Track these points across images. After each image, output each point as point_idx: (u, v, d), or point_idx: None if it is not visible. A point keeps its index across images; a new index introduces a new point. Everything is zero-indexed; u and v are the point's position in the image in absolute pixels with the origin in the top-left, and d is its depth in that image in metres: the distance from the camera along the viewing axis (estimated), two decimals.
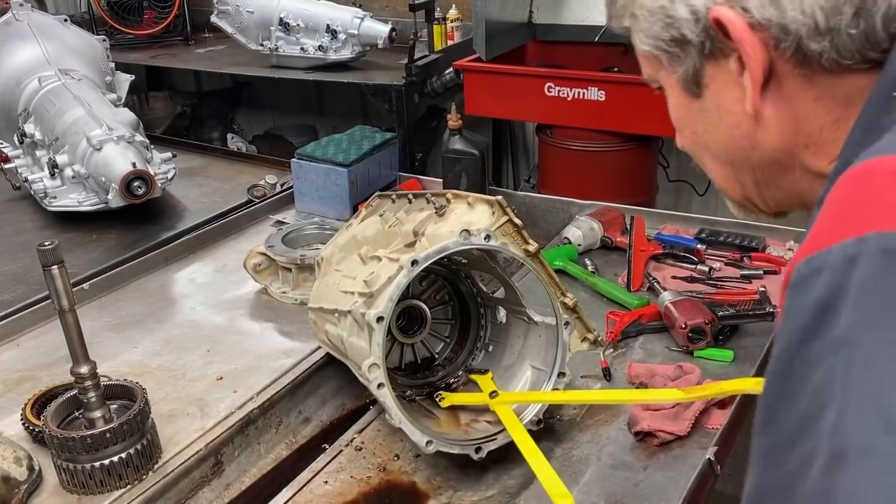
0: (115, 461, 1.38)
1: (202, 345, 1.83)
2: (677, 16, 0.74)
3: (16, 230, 2.47)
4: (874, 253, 0.52)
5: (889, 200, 0.54)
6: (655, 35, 0.77)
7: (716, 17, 0.71)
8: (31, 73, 2.61)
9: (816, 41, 0.68)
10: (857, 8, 0.66)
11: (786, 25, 0.68)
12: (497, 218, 1.35)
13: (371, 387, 1.30)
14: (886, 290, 0.51)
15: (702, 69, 0.77)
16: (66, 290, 1.33)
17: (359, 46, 3.84)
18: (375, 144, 2.50)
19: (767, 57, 0.71)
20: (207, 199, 2.67)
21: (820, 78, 0.71)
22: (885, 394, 0.49)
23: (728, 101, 0.76)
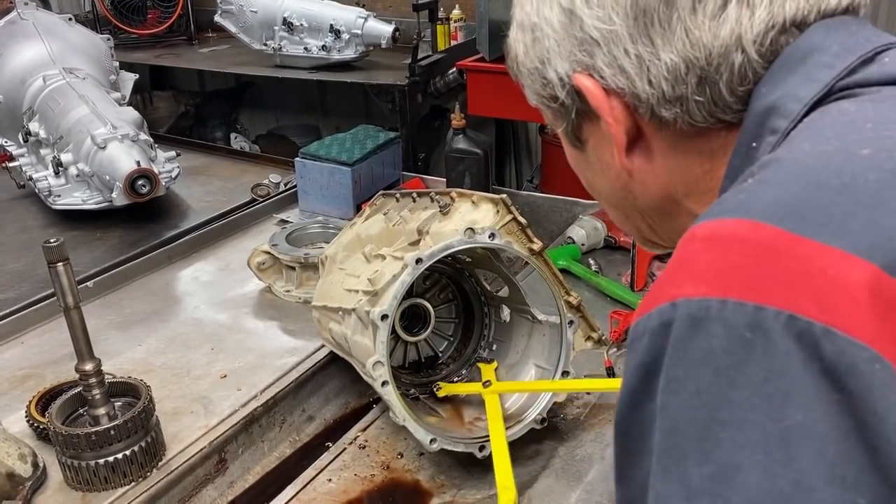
0: (119, 458, 1.39)
1: (206, 343, 1.83)
2: (549, 78, 0.77)
3: (20, 228, 2.48)
4: (682, 319, 0.53)
5: (698, 266, 0.55)
6: (537, 92, 0.80)
7: (576, 84, 0.74)
8: (36, 71, 2.62)
9: (667, 109, 0.70)
10: (700, 77, 0.68)
11: (637, 94, 0.71)
12: (501, 216, 1.35)
13: (375, 385, 1.31)
14: (691, 357, 0.52)
15: (579, 126, 0.79)
16: (71, 287, 1.34)
17: (362, 46, 3.84)
18: (379, 144, 2.50)
19: (631, 118, 0.73)
20: (211, 198, 2.68)
21: (682, 138, 0.73)
22: (685, 461, 0.51)
23: (605, 156, 0.79)
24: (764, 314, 0.50)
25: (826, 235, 0.51)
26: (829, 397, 0.48)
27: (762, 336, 0.50)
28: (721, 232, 0.55)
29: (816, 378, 0.48)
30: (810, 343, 0.49)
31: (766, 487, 0.48)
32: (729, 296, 0.51)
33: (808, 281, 0.50)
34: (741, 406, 0.50)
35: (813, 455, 0.48)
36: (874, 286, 0.49)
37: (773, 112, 0.65)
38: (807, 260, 0.51)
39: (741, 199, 0.57)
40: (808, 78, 0.65)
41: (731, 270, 0.53)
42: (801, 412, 0.48)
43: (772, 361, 0.49)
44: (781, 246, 0.52)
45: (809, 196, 0.54)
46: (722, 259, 0.54)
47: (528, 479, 1.42)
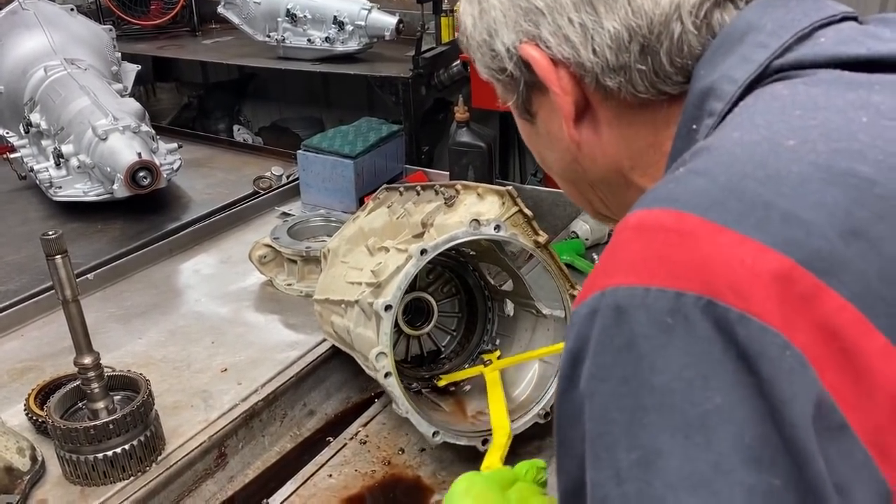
0: (118, 452, 1.37)
1: (207, 336, 1.82)
2: (497, 50, 0.77)
3: (21, 220, 2.47)
4: (608, 307, 0.54)
5: (626, 255, 0.56)
6: (487, 65, 0.80)
7: (522, 55, 0.74)
8: (37, 62, 2.60)
9: (611, 78, 0.71)
10: (642, 45, 0.69)
11: (582, 63, 0.71)
12: (507, 208, 1.34)
13: (378, 376, 1.29)
14: (616, 344, 0.53)
15: (529, 98, 0.80)
16: (69, 279, 1.32)
17: (366, 38, 3.82)
18: (382, 136, 2.48)
19: (578, 89, 0.74)
20: (213, 191, 2.66)
21: (627, 108, 0.74)
22: (615, 447, 0.53)
23: (555, 128, 0.79)
24: (684, 300, 0.51)
25: (746, 227, 0.52)
26: (745, 380, 0.49)
27: (682, 321, 0.51)
28: (648, 221, 0.57)
29: (734, 362, 0.49)
30: (726, 328, 0.50)
31: (687, 471, 0.49)
32: (652, 283, 0.53)
33: (726, 270, 0.51)
34: (662, 391, 0.51)
35: (731, 438, 0.49)
36: (788, 278, 0.50)
37: (710, 94, 0.66)
38: (726, 249, 0.52)
39: (670, 188, 0.58)
40: (743, 58, 0.66)
41: (655, 259, 0.54)
42: (720, 395, 0.49)
43: (691, 346, 0.51)
44: (703, 235, 0.53)
45: (733, 187, 0.55)
46: (647, 248, 0.55)
47: None
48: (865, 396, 0.50)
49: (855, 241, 0.51)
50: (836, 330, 0.50)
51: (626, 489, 0.51)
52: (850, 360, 0.50)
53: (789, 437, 0.48)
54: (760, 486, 0.48)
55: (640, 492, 0.51)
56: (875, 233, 0.51)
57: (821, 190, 0.53)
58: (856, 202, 0.52)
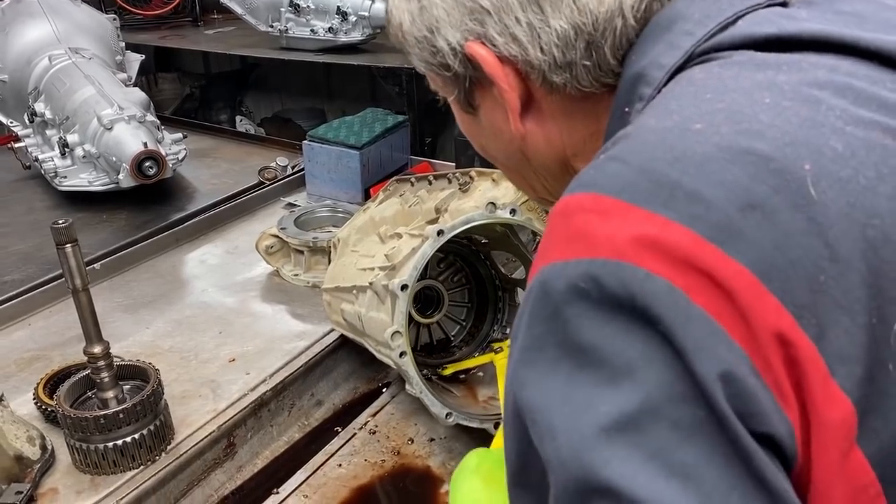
0: (128, 442, 1.37)
1: (214, 326, 1.82)
2: (439, 47, 0.78)
3: (26, 209, 2.46)
4: (536, 284, 0.59)
5: (552, 238, 0.61)
6: (426, 60, 0.81)
7: (469, 53, 0.75)
8: (42, 51, 2.59)
9: (558, 74, 0.73)
10: (588, 42, 0.71)
11: (529, 61, 0.73)
12: (522, 193, 1.34)
13: (393, 355, 1.29)
14: (544, 315, 0.58)
15: (472, 93, 0.81)
16: (79, 269, 1.32)
17: (369, 28, 3.80)
18: (387, 127, 2.48)
19: (523, 84, 0.76)
20: (218, 181, 2.65)
21: (570, 101, 0.76)
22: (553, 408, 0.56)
23: (498, 121, 0.81)
24: (595, 264, 0.55)
25: (654, 205, 0.56)
26: (653, 330, 0.53)
27: (593, 283, 0.55)
28: (571, 205, 0.60)
29: (642, 319, 0.53)
30: (634, 285, 0.54)
31: (615, 413, 0.53)
32: (571, 257, 0.57)
33: (634, 239, 0.55)
34: (589, 348, 0.55)
35: (654, 379, 0.53)
36: (690, 246, 0.54)
37: (640, 79, 0.69)
38: (636, 223, 0.56)
39: (590, 174, 0.61)
40: (670, 45, 0.68)
41: (575, 236, 0.58)
42: (632, 348, 0.54)
43: (604, 305, 0.55)
44: (616, 212, 0.57)
45: (644, 170, 0.58)
46: (568, 228, 0.59)
47: None
48: (753, 340, 0.53)
49: (752, 214, 0.55)
50: (732, 291, 0.53)
51: (559, 442, 0.55)
52: (744, 317, 0.53)
53: (695, 376, 0.52)
54: (684, 418, 0.52)
55: (573, 440, 0.54)
56: (770, 205, 0.55)
57: (722, 169, 0.56)
58: (754, 178, 0.56)
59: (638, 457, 0.52)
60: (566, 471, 0.55)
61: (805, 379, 0.54)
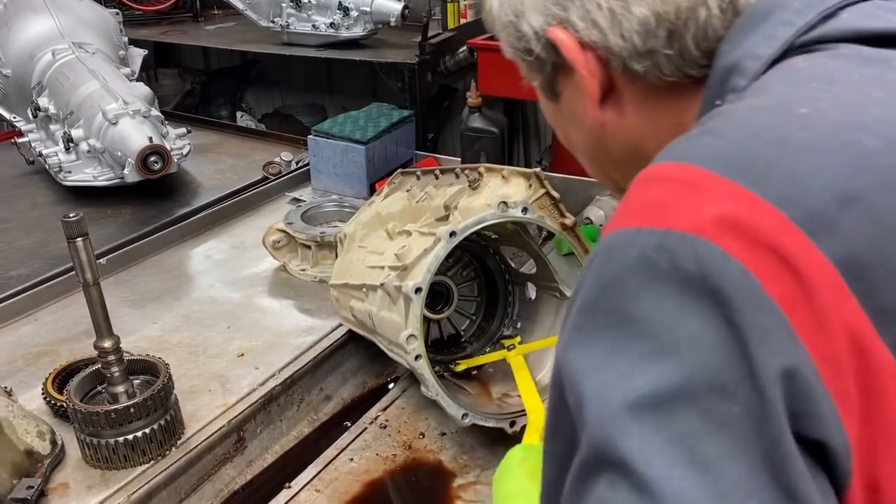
0: (138, 436, 1.37)
1: (222, 321, 1.81)
2: (523, 32, 0.78)
3: (30, 205, 2.45)
4: (602, 248, 0.58)
5: (628, 204, 0.59)
6: (512, 45, 0.81)
7: (550, 38, 0.75)
8: (45, 46, 2.58)
9: (639, 62, 0.72)
10: (669, 30, 0.70)
11: (610, 48, 0.72)
12: (534, 190, 1.33)
13: (408, 358, 1.29)
14: (604, 279, 0.57)
15: (554, 79, 0.81)
16: (90, 263, 1.31)
17: (371, 24, 3.79)
18: (393, 122, 2.47)
19: (604, 72, 0.75)
20: (222, 176, 2.65)
21: (653, 91, 0.75)
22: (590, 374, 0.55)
23: (579, 108, 0.80)
24: (671, 236, 0.53)
25: (747, 180, 0.54)
26: (717, 312, 0.51)
27: (666, 255, 0.53)
28: (654, 173, 0.59)
29: (710, 295, 0.52)
30: (708, 263, 0.52)
31: (649, 390, 0.52)
32: (645, 225, 0.55)
33: (719, 214, 0.53)
34: (642, 320, 0.54)
35: (699, 362, 0.51)
36: (777, 231, 0.52)
37: (733, 71, 0.67)
38: (723, 197, 0.54)
39: (681, 146, 0.60)
40: (767, 36, 0.67)
41: (654, 204, 0.57)
42: (693, 322, 0.52)
43: (671, 278, 0.53)
44: (704, 184, 0.55)
45: (741, 145, 0.57)
46: (648, 195, 0.58)
47: None
48: (823, 341, 0.51)
49: (850, 206, 0.52)
50: (811, 287, 0.51)
51: (587, 408, 0.54)
52: (818, 316, 0.51)
53: (752, 366, 0.50)
54: (719, 411, 0.50)
55: (600, 408, 0.53)
56: (872, 200, 0.53)
57: (825, 156, 0.54)
58: (858, 170, 0.54)
59: (661, 439, 0.50)
60: (588, 438, 0.54)
61: (878, 390, 0.51)
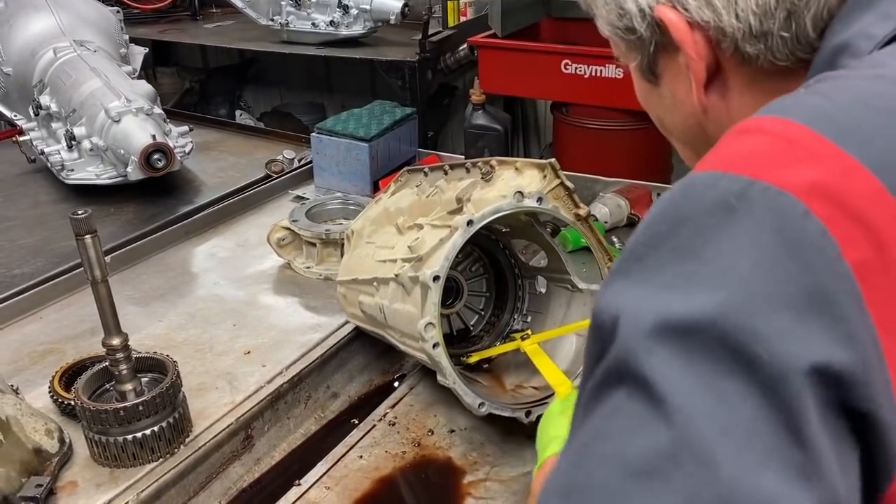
0: (147, 434, 1.36)
1: (227, 319, 1.81)
2: (627, 9, 0.76)
3: (32, 203, 2.44)
4: (681, 185, 0.57)
5: (720, 151, 0.58)
6: (612, 23, 0.79)
7: (658, 16, 0.73)
8: (46, 43, 2.56)
9: (752, 44, 0.70)
10: (789, 11, 0.68)
11: (722, 28, 0.70)
12: (549, 181, 1.33)
13: (425, 347, 1.28)
14: (676, 216, 0.56)
15: (655, 60, 0.79)
16: (99, 260, 1.31)
17: (370, 22, 3.80)
18: (396, 119, 2.46)
19: (712, 54, 0.73)
20: (225, 175, 2.64)
21: (761, 75, 0.73)
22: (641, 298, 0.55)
23: (680, 91, 0.79)
24: (755, 186, 0.53)
25: (848, 143, 0.53)
26: (789, 265, 0.51)
27: (746, 204, 0.52)
28: (753, 125, 0.58)
29: (785, 247, 0.51)
30: (789, 222, 0.51)
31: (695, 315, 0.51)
32: (730, 170, 0.54)
33: (812, 173, 0.52)
34: (709, 260, 0.53)
35: (741, 302, 0.50)
36: (872, 198, 0.51)
37: (844, 50, 0.65)
38: (820, 157, 0.53)
39: (786, 102, 0.59)
40: (883, 15, 0.65)
41: (745, 154, 0.56)
42: (744, 266, 0.51)
43: (748, 227, 0.52)
44: (802, 140, 0.54)
45: (848, 108, 0.56)
46: (741, 145, 0.57)
47: None
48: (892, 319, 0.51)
49: None
50: (893, 257, 0.51)
51: (622, 322, 0.53)
52: (893, 286, 0.51)
53: (832, 301, 0.50)
54: (745, 353, 0.50)
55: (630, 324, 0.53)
56: None
57: None
58: None
59: (680, 364, 0.50)
60: (615, 350, 0.53)
61: None
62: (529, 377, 1.47)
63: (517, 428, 1.42)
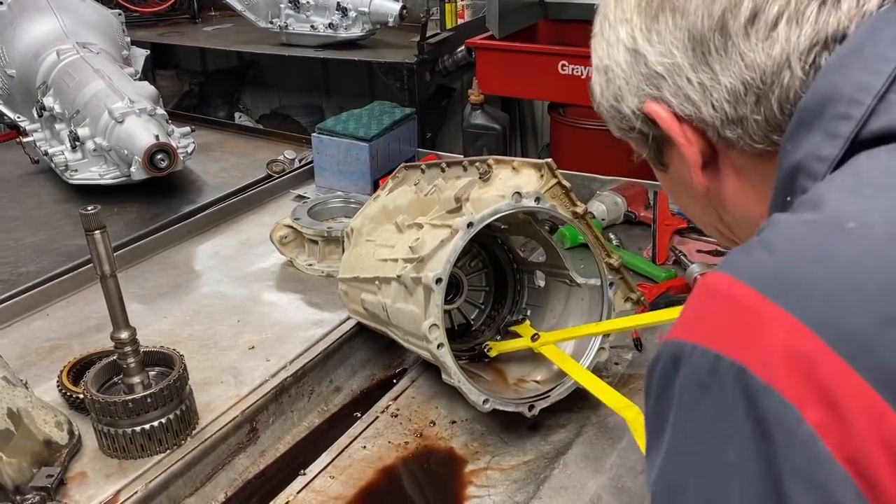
0: (154, 426, 1.39)
1: (231, 315, 1.84)
2: (624, 112, 0.83)
3: (36, 203, 2.47)
4: (666, 357, 0.63)
5: (688, 312, 0.64)
6: (618, 126, 0.87)
7: (647, 112, 0.80)
8: (50, 46, 2.60)
9: (731, 130, 0.75)
10: (757, 96, 0.73)
11: (703, 119, 0.76)
12: (546, 180, 1.36)
13: (430, 347, 1.31)
14: (666, 393, 0.62)
15: (661, 151, 0.85)
16: (108, 255, 1.34)
17: (369, 24, 3.83)
18: (395, 119, 2.50)
19: (703, 140, 0.78)
20: (226, 175, 2.67)
21: (748, 160, 0.78)
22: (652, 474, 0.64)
23: (686, 176, 0.84)
24: (721, 363, 0.57)
25: (789, 303, 0.56)
26: (759, 445, 0.55)
27: (717, 382, 0.57)
28: (712, 284, 0.62)
29: (752, 426, 0.55)
30: (752, 396, 0.55)
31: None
32: (699, 342, 0.60)
33: (761, 341, 0.56)
34: (693, 438, 0.60)
35: (738, 489, 0.56)
36: (815, 357, 0.54)
37: (799, 171, 0.68)
38: (766, 322, 0.56)
39: (737, 257, 0.63)
40: (827, 134, 0.66)
41: (706, 319, 0.61)
42: (735, 453, 0.56)
43: (721, 406, 0.57)
44: (749, 305, 0.58)
45: (787, 264, 0.59)
46: (704, 308, 0.62)
47: (563, 445, 1.44)
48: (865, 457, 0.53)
49: (890, 329, 0.53)
50: (846, 411, 0.53)
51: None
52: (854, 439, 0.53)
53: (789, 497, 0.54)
54: None
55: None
56: None
57: (868, 276, 0.55)
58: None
59: None
60: None
61: None
62: (532, 371, 1.50)
63: (518, 418, 1.46)
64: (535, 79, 3.22)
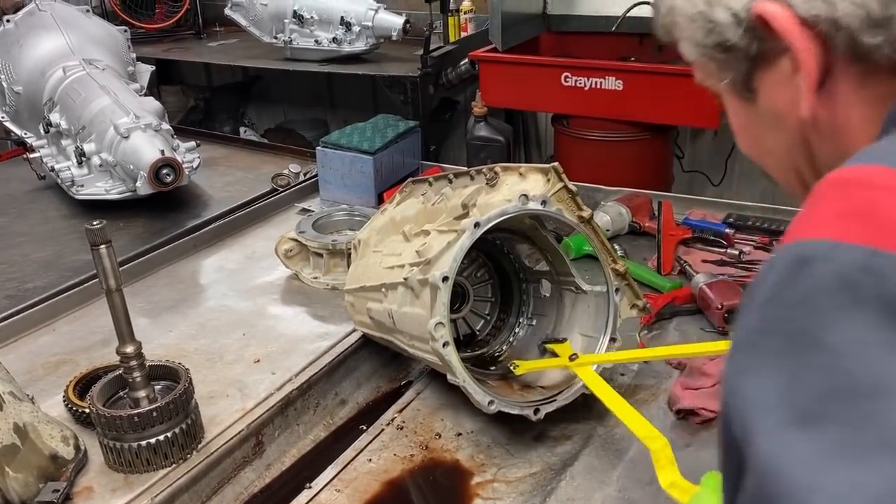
0: (160, 440, 1.39)
1: (237, 329, 1.84)
2: (718, 20, 0.70)
3: (42, 219, 2.49)
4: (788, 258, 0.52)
5: (819, 210, 0.53)
6: (699, 42, 0.73)
7: (758, 13, 0.66)
8: (56, 62, 2.62)
9: (871, 34, 0.61)
10: None
11: (836, 19, 0.62)
12: (553, 184, 1.37)
13: (436, 346, 1.30)
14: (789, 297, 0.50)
15: (752, 73, 0.72)
16: (113, 269, 1.34)
17: (373, 38, 3.85)
18: (399, 132, 2.51)
19: (822, 52, 0.65)
20: (232, 189, 2.68)
21: (874, 76, 0.65)
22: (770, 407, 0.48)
23: (781, 104, 0.71)
24: (879, 258, 0.47)
25: None
26: None
27: (873, 280, 0.46)
28: (851, 176, 0.53)
29: None
30: None
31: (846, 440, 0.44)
32: (843, 239, 0.49)
33: None
34: (834, 351, 0.46)
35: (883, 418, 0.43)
36: None
37: None
38: None
39: (884, 146, 0.55)
40: None
41: (853, 214, 0.50)
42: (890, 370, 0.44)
43: (880, 309, 0.45)
44: None
45: None
46: (847, 201, 0.52)
47: (569, 457, 1.43)
48: None
49: None
50: None
51: (771, 448, 0.46)
52: None
53: None
54: None
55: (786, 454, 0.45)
56: None
57: None
58: None
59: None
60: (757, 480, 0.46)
61: None
62: (537, 378, 1.50)
63: (523, 430, 1.45)
64: (539, 91, 3.24)
